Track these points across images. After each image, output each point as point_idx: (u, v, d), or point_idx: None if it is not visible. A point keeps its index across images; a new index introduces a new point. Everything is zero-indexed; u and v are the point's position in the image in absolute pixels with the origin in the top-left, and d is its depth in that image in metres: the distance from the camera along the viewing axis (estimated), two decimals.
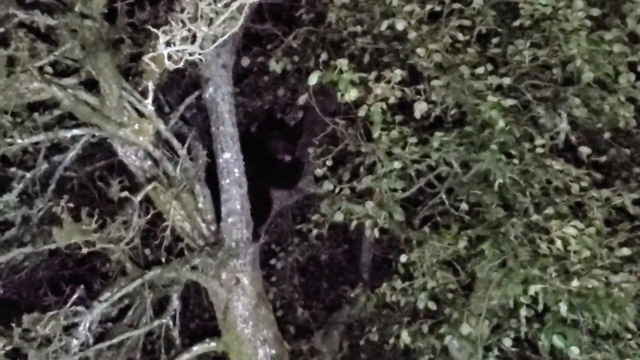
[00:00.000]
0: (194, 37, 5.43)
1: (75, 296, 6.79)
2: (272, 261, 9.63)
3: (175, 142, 7.51)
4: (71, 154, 7.61)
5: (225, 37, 5.53)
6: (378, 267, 9.79)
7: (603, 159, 6.85)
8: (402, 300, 7.27)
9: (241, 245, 7.72)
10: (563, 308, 6.19)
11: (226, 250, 7.56)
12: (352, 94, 6.36)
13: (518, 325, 6.85)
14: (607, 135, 6.98)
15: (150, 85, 5.96)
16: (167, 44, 5.32)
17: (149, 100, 5.93)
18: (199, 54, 5.43)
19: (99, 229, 6.61)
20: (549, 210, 6.29)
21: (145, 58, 5.64)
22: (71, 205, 6.82)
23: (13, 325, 6.49)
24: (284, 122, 9.03)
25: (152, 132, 6.89)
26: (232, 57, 8.02)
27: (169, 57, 5.38)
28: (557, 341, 6.45)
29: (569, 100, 6.66)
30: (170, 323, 7.76)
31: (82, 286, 6.96)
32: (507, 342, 6.97)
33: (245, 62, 8.15)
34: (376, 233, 6.89)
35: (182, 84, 8.36)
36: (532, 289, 6.23)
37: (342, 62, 6.36)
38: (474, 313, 6.97)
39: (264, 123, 9.11)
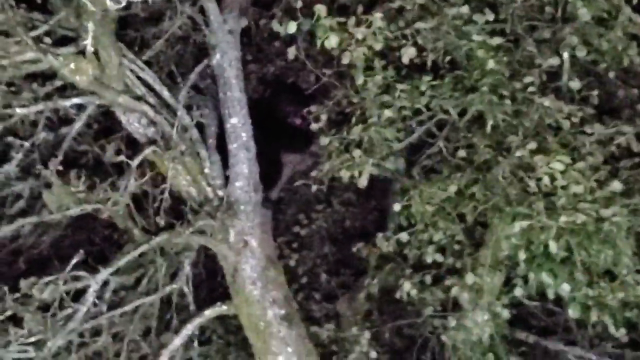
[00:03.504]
0: None
1: (73, 261, 6.81)
2: (296, 229, 9.55)
3: (180, 110, 7.54)
4: (78, 125, 7.65)
5: None
6: None
7: (595, 93, 6.54)
8: (409, 254, 7.11)
9: (249, 208, 7.70)
10: (552, 245, 5.96)
11: (228, 212, 7.53)
12: (332, 41, 6.25)
13: (525, 272, 6.61)
14: (611, 75, 6.72)
15: (90, 26, 5.93)
16: None
17: (89, 41, 5.88)
18: None
19: (88, 191, 6.64)
20: (532, 146, 6.05)
21: None
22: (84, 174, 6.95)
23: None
24: (297, 86, 8.95)
25: (91, 73, 6.87)
26: (239, 22, 7.99)
27: None
28: (546, 278, 6.18)
29: (566, 39, 6.43)
30: (185, 288, 7.78)
31: (81, 251, 6.97)
32: (518, 292, 6.77)
33: (244, 22, 8.07)
34: (364, 181, 6.70)
35: (194, 53, 8.39)
36: (518, 225, 6.02)
37: (320, 8, 6.24)
38: (482, 263, 6.81)
39: (277, 88, 9.04)
